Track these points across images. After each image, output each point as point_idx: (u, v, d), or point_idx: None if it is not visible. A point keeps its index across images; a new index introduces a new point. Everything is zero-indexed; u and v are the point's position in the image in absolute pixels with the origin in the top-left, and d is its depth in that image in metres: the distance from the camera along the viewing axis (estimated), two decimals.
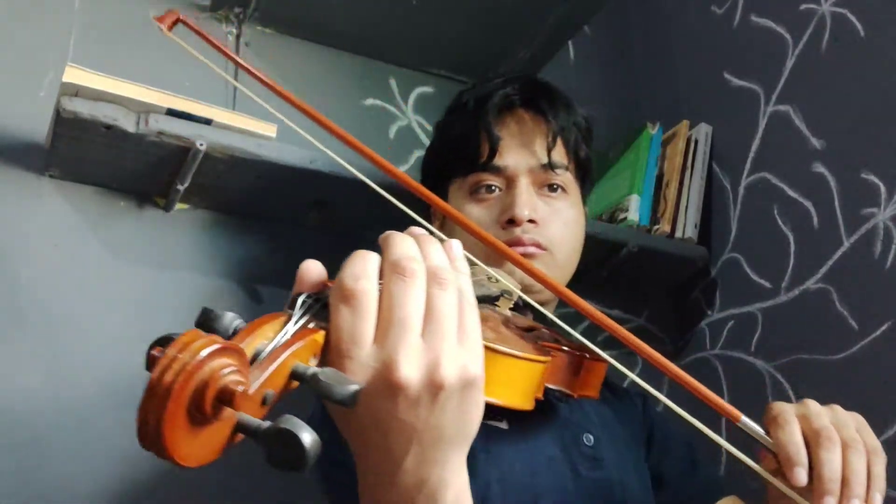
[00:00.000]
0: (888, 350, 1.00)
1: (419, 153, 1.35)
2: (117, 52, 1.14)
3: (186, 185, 1.03)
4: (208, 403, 0.32)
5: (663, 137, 1.37)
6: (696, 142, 1.34)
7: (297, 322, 0.42)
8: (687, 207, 1.31)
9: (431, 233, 0.72)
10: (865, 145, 1.07)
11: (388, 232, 0.47)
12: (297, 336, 0.40)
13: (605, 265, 1.26)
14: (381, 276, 0.44)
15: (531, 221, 0.85)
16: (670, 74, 1.50)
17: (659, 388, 0.56)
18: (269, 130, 1.03)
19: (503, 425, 0.75)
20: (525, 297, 0.67)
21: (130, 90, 0.93)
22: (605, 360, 0.74)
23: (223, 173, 1.03)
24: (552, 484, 0.73)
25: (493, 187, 0.88)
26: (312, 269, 0.46)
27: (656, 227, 1.30)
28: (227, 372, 0.33)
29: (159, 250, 1.09)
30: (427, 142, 1.41)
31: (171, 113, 0.96)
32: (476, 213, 0.87)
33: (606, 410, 0.88)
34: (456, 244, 0.50)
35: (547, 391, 0.70)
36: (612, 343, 0.59)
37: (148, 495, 0.99)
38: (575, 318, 0.77)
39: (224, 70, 0.88)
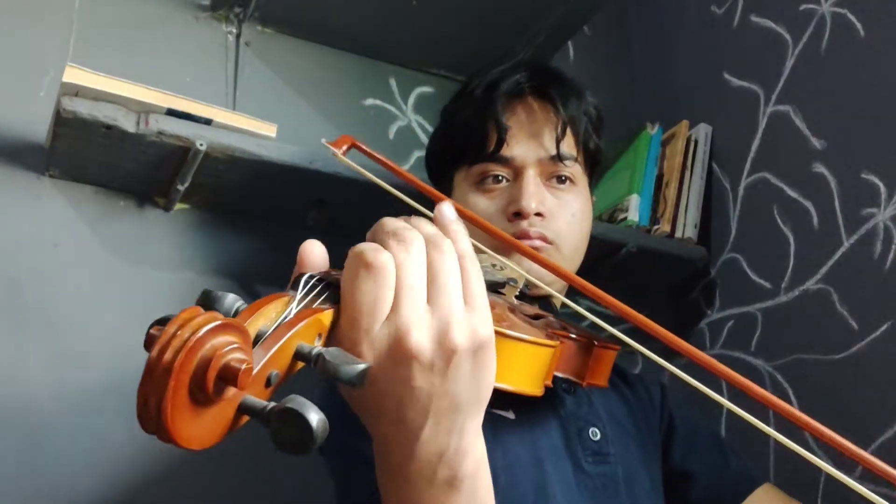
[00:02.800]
0: (888, 350, 1.00)
1: (419, 153, 1.35)
2: (117, 52, 1.14)
3: (186, 185, 1.03)
4: (210, 382, 0.31)
5: (663, 137, 1.37)
6: (696, 142, 1.34)
7: (300, 302, 0.40)
8: (687, 207, 1.31)
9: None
10: (865, 145, 1.07)
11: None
12: (300, 315, 0.39)
13: (605, 265, 1.26)
14: None
15: (538, 214, 0.83)
16: (670, 74, 1.50)
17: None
18: (269, 130, 1.03)
19: (510, 415, 0.75)
20: (533, 279, 0.67)
21: (130, 90, 0.93)
22: (614, 347, 0.73)
23: (223, 173, 1.03)
24: (557, 475, 0.73)
25: (500, 177, 0.86)
26: (315, 250, 0.46)
27: (656, 227, 1.30)
28: (230, 349, 0.31)
29: (159, 250, 1.10)
30: (427, 142, 1.41)
31: (171, 113, 0.96)
32: (482, 204, 0.86)
33: (618, 404, 0.87)
34: (446, 205, 0.50)
35: (555, 380, 0.70)
36: (628, 332, 0.58)
37: (148, 493, 0.99)
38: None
39: (223, 71, 0.88)
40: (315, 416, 0.32)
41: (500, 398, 0.76)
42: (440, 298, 0.43)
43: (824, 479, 1.03)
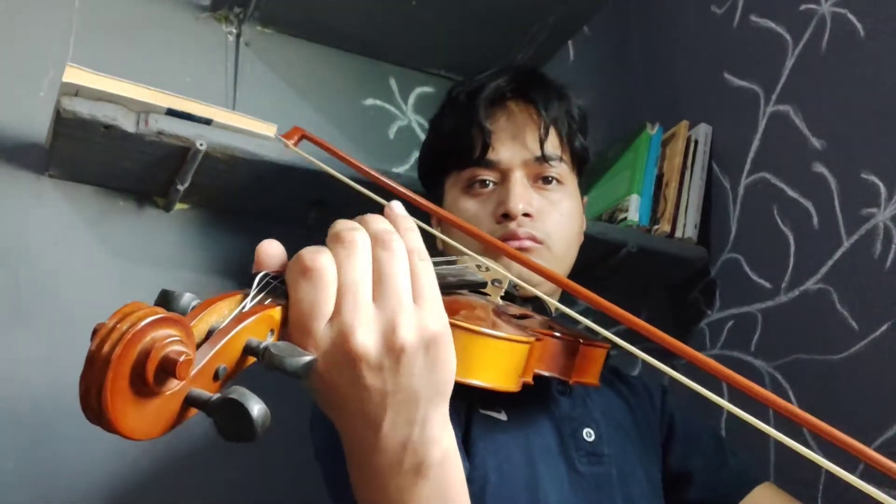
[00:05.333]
0: (888, 350, 1.00)
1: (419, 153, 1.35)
2: (117, 52, 1.14)
3: (186, 184, 1.03)
4: (150, 373, 0.32)
5: (663, 137, 1.37)
6: (696, 142, 1.34)
7: (253, 299, 0.41)
8: (687, 207, 1.31)
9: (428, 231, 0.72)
10: (865, 145, 1.07)
11: None
12: (251, 311, 0.40)
13: (605, 265, 1.26)
14: None
15: (526, 215, 0.84)
16: (670, 74, 1.50)
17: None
18: (269, 130, 1.03)
19: (502, 416, 0.75)
20: (517, 280, 0.67)
21: (130, 90, 0.93)
22: (603, 346, 0.74)
23: (223, 173, 1.03)
24: (549, 476, 0.73)
25: (488, 182, 0.88)
26: (271, 249, 0.46)
27: (656, 227, 1.30)
28: (169, 341, 0.32)
29: (159, 250, 1.10)
30: None
31: (171, 113, 0.96)
32: (471, 208, 0.87)
33: (616, 405, 0.88)
34: (395, 204, 0.50)
35: (544, 380, 0.70)
36: (622, 334, 0.58)
37: (148, 493, 0.99)
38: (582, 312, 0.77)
39: (223, 71, 0.89)
40: (256, 406, 0.33)
41: (491, 399, 0.76)
42: (386, 296, 0.43)
43: (824, 479, 1.04)
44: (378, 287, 0.43)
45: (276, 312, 0.41)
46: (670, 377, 0.55)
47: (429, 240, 0.73)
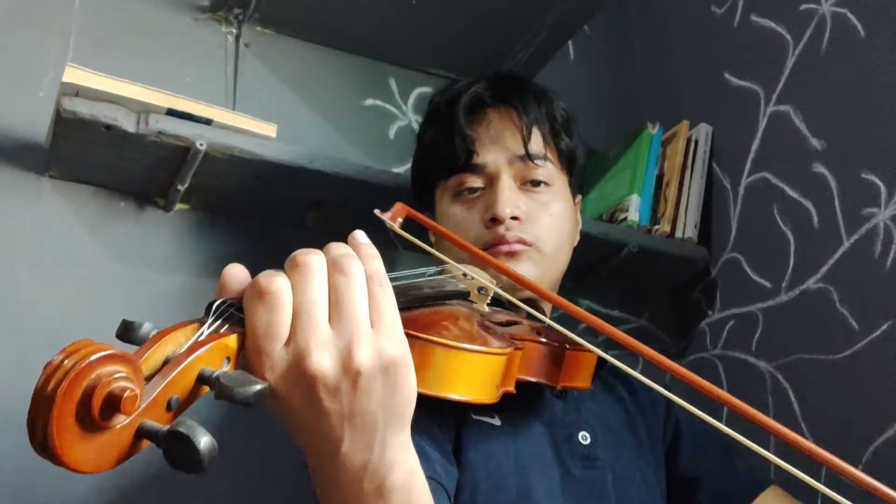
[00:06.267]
0: (888, 350, 1.00)
1: None
2: (117, 52, 1.14)
3: (186, 185, 1.03)
4: (96, 409, 0.32)
5: (663, 137, 1.37)
6: (696, 142, 1.34)
7: (210, 326, 0.42)
8: (687, 207, 1.31)
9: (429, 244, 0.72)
10: (865, 145, 1.07)
11: None
12: (205, 340, 0.40)
13: (606, 265, 1.26)
14: None
15: (514, 218, 0.84)
16: (670, 74, 1.50)
17: (661, 382, 0.55)
18: (269, 130, 1.03)
19: (496, 421, 0.75)
20: (500, 291, 0.68)
21: (130, 90, 0.93)
22: (590, 350, 0.74)
23: (223, 173, 1.03)
24: (541, 482, 0.73)
25: (475, 188, 0.88)
26: (235, 276, 0.46)
27: (656, 227, 1.30)
28: (115, 378, 0.33)
29: (159, 250, 1.10)
30: None
31: (171, 113, 0.96)
32: (461, 215, 0.88)
33: (613, 409, 0.88)
34: (359, 233, 0.50)
35: (534, 386, 0.70)
36: (612, 343, 0.59)
37: (148, 493, 0.99)
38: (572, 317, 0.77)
39: (223, 72, 0.88)
40: (203, 438, 0.34)
41: (483, 405, 0.76)
42: (343, 320, 0.43)
43: (825, 476, 1.03)
44: (335, 310, 0.44)
45: (232, 340, 0.42)
46: (675, 379, 0.55)
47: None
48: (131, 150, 0.97)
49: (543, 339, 0.71)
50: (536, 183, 0.88)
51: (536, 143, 0.89)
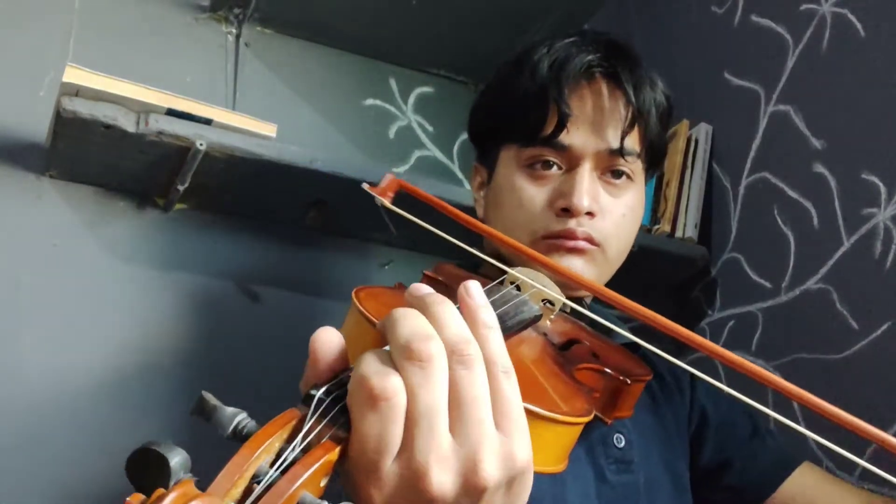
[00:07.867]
0: (888, 350, 1.00)
1: (419, 153, 1.35)
2: (117, 52, 1.14)
3: (186, 185, 1.03)
4: None
5: None
6: (697, 141, 1.34)
7: (307, 436, 0.35)
8: (687, 207, 1.31)
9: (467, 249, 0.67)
10: (865, 145, 1.07)
11: (390, 312, 0.39)
12: (305, 461, 0.34)
13: None
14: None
15: (588, 213, 0.75)
16: (671, 74, 1.49)
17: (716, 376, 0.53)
18: (269, 130, 1.03)
19: None
20: (571, 303, 0.60)
21: (130, 90, 0.93)
22: (645, 379, 0.66)
23: (223, 173, 1.03)
24: (575, 490, 0.70)
25: (552, 164, 0.77)
26: (330, 343, 0.39)
27: (656, 226, 1.30)
28: None
29: (159, 250, 1.10)
30: (427, 142, 1.41)
31: (171, 113, 0.96)
32: (529, 191, 0.77)
33: (643, 401, 0.81)
34: (474, 287, 0.41)
35: None
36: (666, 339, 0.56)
37: None
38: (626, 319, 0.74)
39: (223, 71, 0.88)
40: None
41: None
42: (466, 426, 0.36)
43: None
44: (455, 413, 0.37)
45: (335, 454, 0.35)
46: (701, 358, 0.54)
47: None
48: (131, 150, 0.97)
49: (608, 371, 0.63)
50: (618, 174, 0.78)
51: (633, 138, 0.78)
